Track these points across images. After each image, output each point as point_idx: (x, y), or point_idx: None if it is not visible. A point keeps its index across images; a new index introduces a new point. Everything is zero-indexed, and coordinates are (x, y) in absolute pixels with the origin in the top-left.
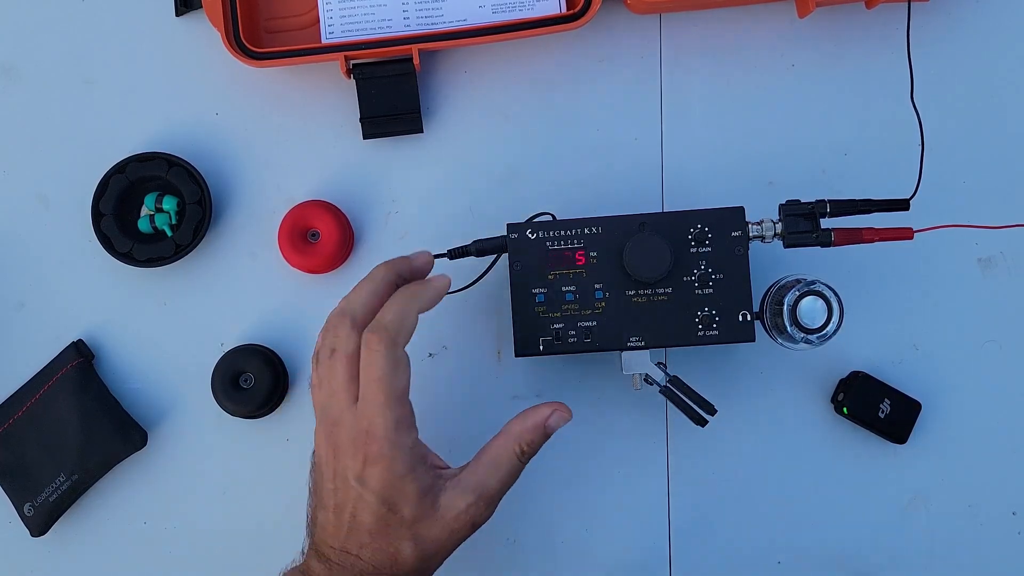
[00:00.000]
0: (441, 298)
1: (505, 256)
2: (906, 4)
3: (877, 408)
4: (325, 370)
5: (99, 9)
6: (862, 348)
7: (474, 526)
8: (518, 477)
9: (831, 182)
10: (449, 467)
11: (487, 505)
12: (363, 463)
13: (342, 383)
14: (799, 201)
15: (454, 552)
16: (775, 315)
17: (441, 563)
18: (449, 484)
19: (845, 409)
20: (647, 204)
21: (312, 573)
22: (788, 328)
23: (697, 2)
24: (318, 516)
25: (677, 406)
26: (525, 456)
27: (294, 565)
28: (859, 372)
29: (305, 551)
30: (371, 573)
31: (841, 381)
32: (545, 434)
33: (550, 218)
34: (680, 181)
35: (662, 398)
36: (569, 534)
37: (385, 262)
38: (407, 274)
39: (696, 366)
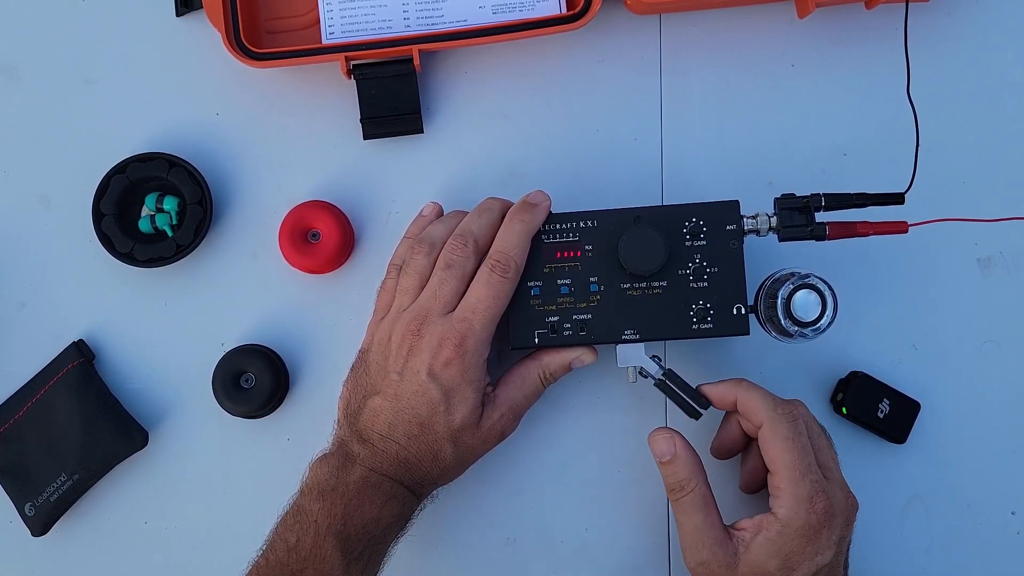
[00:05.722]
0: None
1: None
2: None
3: (876, 408)
4: (425, 279)
5: (99, 9)
6: (861, 348)
7: (502, 435)
8: (540, 396)
9: (831, 182)
10: (491, 384)
11: (514, 417)
12: (444, 362)
13: (449, 294)
14: (794, 195)
15: (454, 550)
16: (769, 308)
17: (470, 466)
18: (487, 399)
19: (844, 409)
20: (647, 204)
21: (353, 453)
22: (782, 321)
23: (697, 2)
24: (369, 403)
25: (671, 399)
26: (547, 382)
27: (324, 452)
28: (858, 372)
29: (337, 441)
30: (412, 462)
31: (840, 381)
32: (568, 369)
33: None
34: (680, 181)
35: (660, 394)
36: (569, 534)
37: (495, 197)
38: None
39: (695, 363)
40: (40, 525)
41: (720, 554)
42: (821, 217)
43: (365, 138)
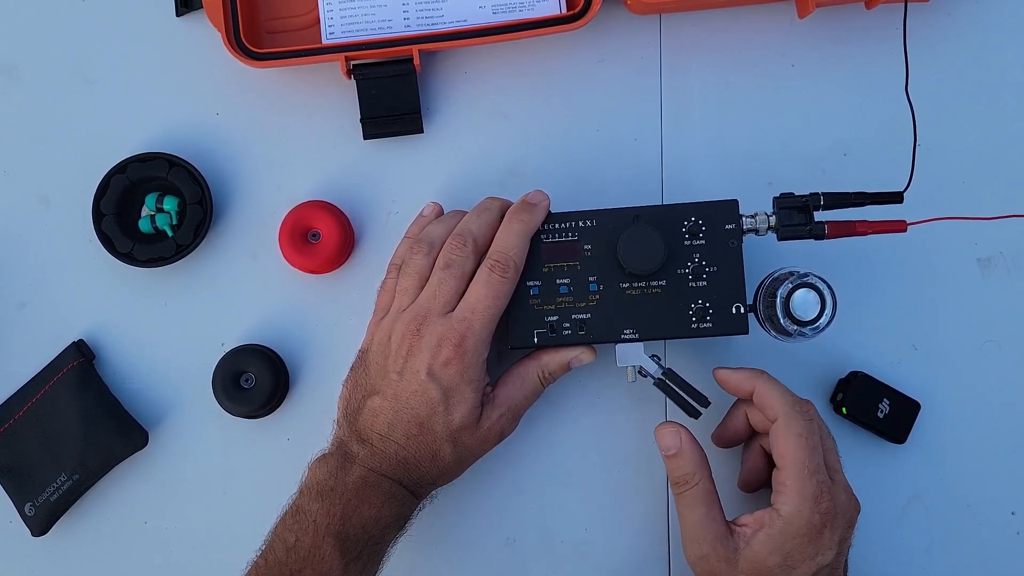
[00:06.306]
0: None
1: None
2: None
3: (876, 408)
4: (424, 278)
5: (99, 9)
6: (861, 348)
7: (502, 435)
8: (539, 396)
9: (830, 182)
10: (491, 384)
11: (513, 417)
12: (443, 362)
13: (449, 294)
14: (793, 194)
15: (454, 550)
16: (768, 307)
17: (469, 466)
18: (486, 399)
19: (844, 409)
20: (646, 204)
21: (352, 453)
22: (781, 320)
23: (697, 2)
24: (369, 403)
25: (671, 398)
26: (546, 381)
27: (323, 452)
28: (858, 372)
29: (336, 440)
30: (411, 462)
31: (840, 381)
32: (567, 369)
33: None
34: (680, 181)
35: (660, 393)
36: (569, 534)
37: (494, 197)
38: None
39: (694, 363)
40: (40, 525)
41: (720, 549)
42: (820, 216)
43: (365, 138)
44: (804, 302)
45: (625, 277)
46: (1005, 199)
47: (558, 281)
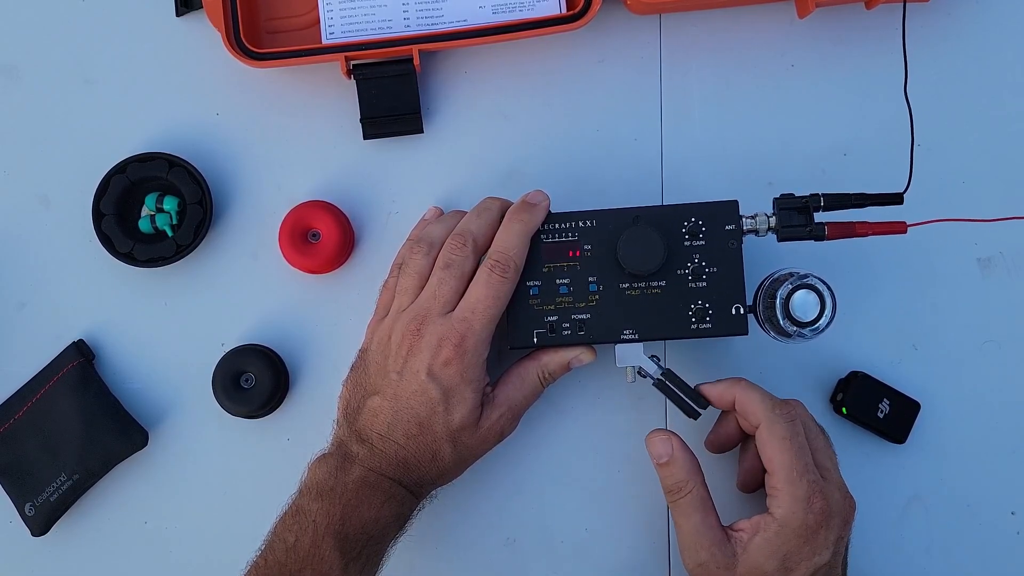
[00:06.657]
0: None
1: None
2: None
3: (876, 408)
4: (424, 278)
5: (99, 9)
6: (861, 348)
7: (501, 435)
8: (539, 396)
9: (830, 182)
10: (491, 384)
11: (513, 417)
12: (443, 362)
13: (449, 294)
14: (793, 195)
15: (454, 550)
16: (768, 308)
17: (469, 466)
18: (486, 399)
19: (844, 409)
20: (646, 204)
21: (352, 453)
22: (781, 321)
23: (697, 2)
24: (369, 402)
25: (670, 398)
26: (546, 382)
27: (323, 452)
28: (858, 372)
29: (336, 440)
30: (411, 462)
31: (840, 381)
32: (567, 369)
33: None
34: (680, 181)
35: (659, 394)
36: (569, 534)
37: (494, 197)
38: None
39: (694, 363)
40: (40, 525)
41: (718, 555)
42: (820, 217)
43: (365, 138)
44: (804, 303)
45: (625, 277)
46: (1005, 199)
47: (558, 281)
